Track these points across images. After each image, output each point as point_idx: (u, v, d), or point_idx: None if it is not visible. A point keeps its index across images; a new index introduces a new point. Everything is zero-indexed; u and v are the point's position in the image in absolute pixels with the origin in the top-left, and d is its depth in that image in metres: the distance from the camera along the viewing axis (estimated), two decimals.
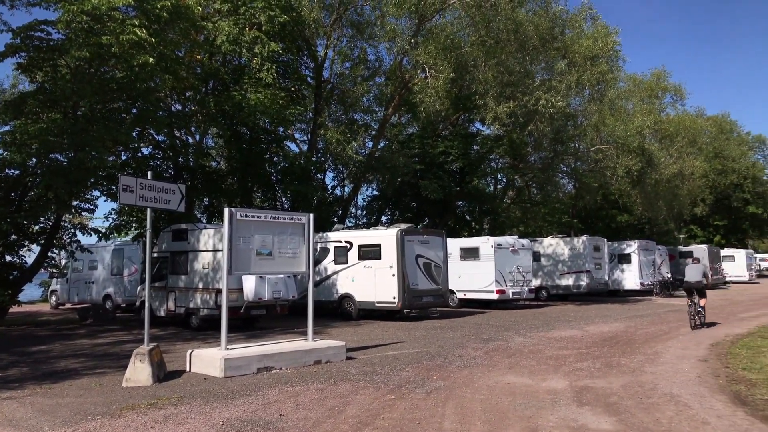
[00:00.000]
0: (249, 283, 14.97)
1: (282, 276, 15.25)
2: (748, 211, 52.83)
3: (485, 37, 22.78)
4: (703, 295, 15.35)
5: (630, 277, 30.44)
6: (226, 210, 9.90)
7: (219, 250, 15.13)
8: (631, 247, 30.69)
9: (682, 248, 39.69)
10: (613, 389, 8.08)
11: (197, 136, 23.41)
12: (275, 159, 24.35)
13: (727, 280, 41.00)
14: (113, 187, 16.57)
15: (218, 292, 15.19)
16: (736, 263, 43.57)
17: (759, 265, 56.83)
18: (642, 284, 30.13)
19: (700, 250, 38.56)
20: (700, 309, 15.13)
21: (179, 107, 22.33)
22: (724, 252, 43.71)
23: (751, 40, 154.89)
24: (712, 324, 16.07)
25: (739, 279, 43.16)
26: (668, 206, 38.08)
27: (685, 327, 15.58)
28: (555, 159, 30.80)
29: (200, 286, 16.14)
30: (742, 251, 45.84)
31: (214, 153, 27.26)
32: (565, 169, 33.40)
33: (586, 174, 32.37)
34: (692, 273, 15.55)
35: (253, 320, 16.92)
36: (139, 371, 8.80)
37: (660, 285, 30.57)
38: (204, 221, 23.02)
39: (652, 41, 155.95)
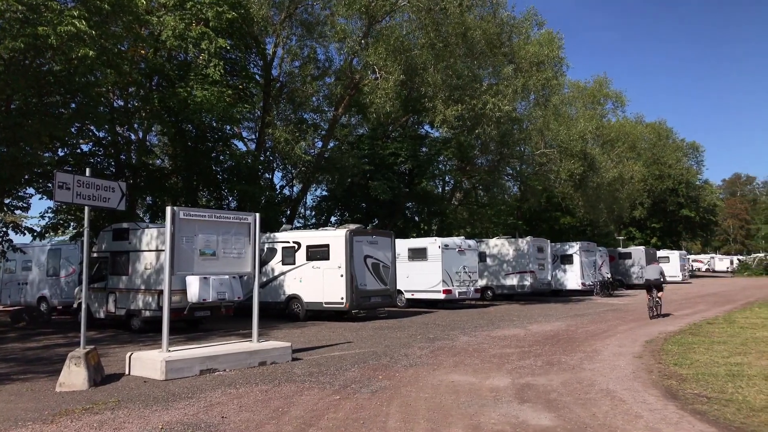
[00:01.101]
0: (193, 284, 14.65)
1: (227, 277, 14.99)
2: (682, 214, 55.36)
3: (434, 40, 23.04)
4: (660, 290, 18.39)
5: (572, 278, 31.38)
6: (168, 209, 9.66)
7: (162, 251, 14.70)
8: (573, 249, 31.64)
9: (621, 249, 41.23)
10: (553, 386, 8.30)
11: (140, 133, 22.72)
12: (222, 158, 23.91)
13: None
14: (49, 185, 15.90)
15: (161, 293, 14.78)
16: (671, 264, 45.56)
17: (691, 265, 59.68)
18: (583, 284, 31.10)
19: (637, 251, 40.20)
20: (657, 300, 18.14)
21: (122, 103, 21.63)
22: (660, 253, 45.59)
23: (687, 51, 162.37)
24: (667, 315, 18.73)
25: (674, 279, 45.11)
26: (609, 209, 39.45)
27: (622, 325, 16.20)
28: (501, 162, 31.43)
29: (142, 287, 15.67)
30: (677, 252, 48.02)
31: (158, 151, 26.53)
32: (511, 171, 34.14)
33: (530, 177, 33.21)
34: (652, 272, 18.57)
35: (197, 322, 16.55)
36: (74, 375, 8.48)
37: (600, 285, 31.63)
38: (147, 221, 22.37)
39: (595, 49, 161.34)
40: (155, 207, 23.82)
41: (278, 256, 19.44)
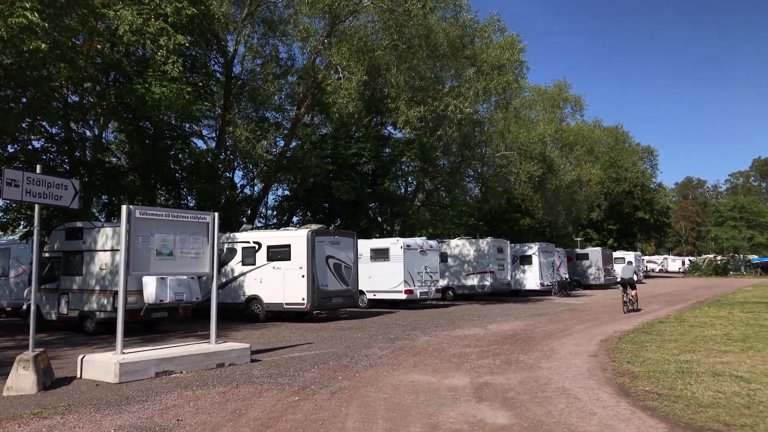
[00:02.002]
0: (149, 285, 14.32)
1: (185, 277, 14.71)
2: (638, 216, 56.98)
3: (398, 41, 23.12)
4: (633, 288, 20.61)
5: (531, 278, 31.92)
6: (124, 207, 9.43)
7: (117, 250, 14.33)
8: (532, 249, 32.19)
9: (579, 250, 42.14)
10: (511, 385, 8.42)
11: (96, 130, 22.11)
12: (180, 156, 23.45)
13: (618, 280, 43.87)
14: None
15: (116, 294, 14.39)
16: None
17: (646, 266, 61.49)
18: (542, 284, 31.68)
19: (594, 252, 41.14)
20: (631, 298, 20.39)
21: (76, 98, 21.01)
22: (616, 254, 46.83)
23: (644, 58, 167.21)
24: (639, 309, 20.87)
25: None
26: (567, 211, 40.27)
27: (579, 325, 16.56)
28: (463, 164, 31.75)
29: (96, 288, 15.23)
30: (632, 253, 49.38)
31: (114, 148, 25.87)
32: (472, 173, 34.51)
33: (491, 179, 33.65)
34: (626, 272, 21.10)
35: (153, 323, 16.20)
36: (22, 379, 8.19)
37: (558, 285, 32.27)
38: (102, 220, 21.80)
39: (555, 54, 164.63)
40: (111, 206, 23.24)
41: (238, 257, 19.19)
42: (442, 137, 27.28)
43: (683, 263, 73.19)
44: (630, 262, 21.71)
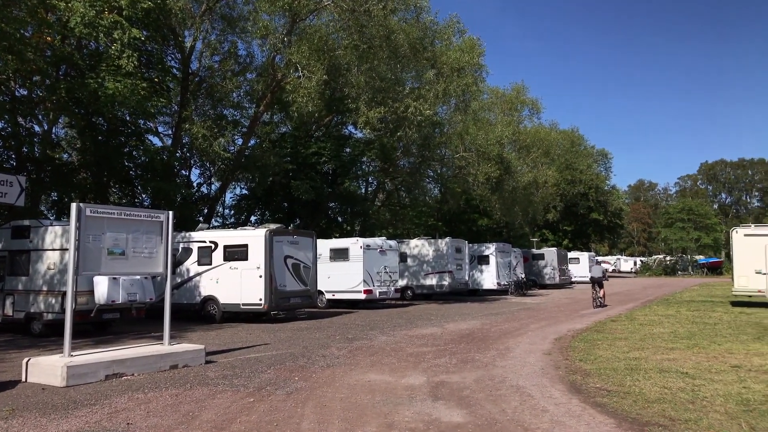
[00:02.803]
0: (101, 285, 13.90)
1: (138, 277, 14.34)
2: (592, 217, 58.45)
3: (358, 41, 23.09)
4: (602, 286, 23.13)
5: (488, 278, 32.37)
6: (74, 205, 9.14)
7: (67, 250, 13.90)
8: (490, 249, 32.65)
9: (535, 251, 42.94)
10: (466, 383, 8.52)
11: (45, 125, 21.37)
12: (135, 153, 22.88)
13: (572, 280, 44.96)
14: None
15: (65, 294, 13.94)
16: (581, 265, 47.98)
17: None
18: (499, 284, 32.16)
19: (550, 252, 41.99)
20: (600, 296, 22.78)
21: (25, 92, 20.26)
22: (571, 255, 47.93)
23: (599, 63, 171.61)
24: (606, 305, 23.08)
25: (583, 279, 47.48)
26: (524, 212, 40.97)
27: (534, 324, 16.88)
28: (422, 164, 31.96)
29: (44, 288, 14.71)
30: (586, 254, 50.63)
31: (64, 144, 25.03)
32: (432, 174, 34.78)
33: (450, 179, 33.98)
34: (596, 271, 23.86)
35: (105, 325, 15.75)
36: None
37: (515, 285, 32.81)
38: (52, 218, 21.07)
39: (514, 57, 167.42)
40: (61, 204, 22.48)
41: (194, 256, 18.84)
42: (403, 138, 27.38)
43: (635, 263, 75.42)
44: (599, 263, 24.16)
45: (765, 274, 20.78)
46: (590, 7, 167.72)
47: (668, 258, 72.42)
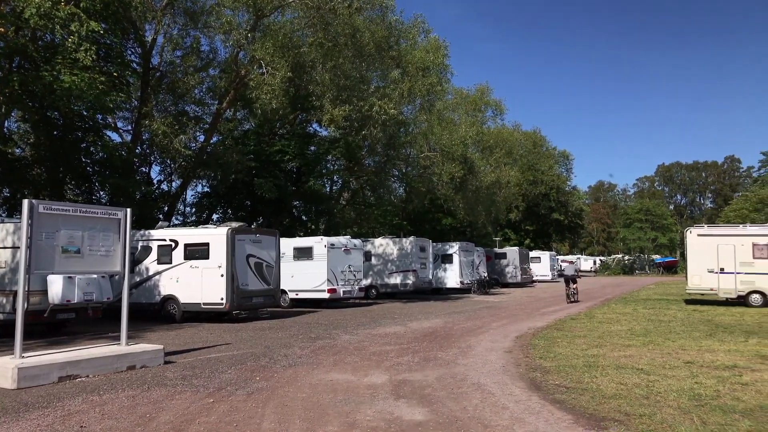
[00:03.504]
0: (55, 284, 13.46)
1: (95, 276, 13.96)
2: (553, 217, 59.54)
3: (323, 39, 22.97)
4: (575, 282, 25.45)
5: (451, 276, 32.65)
6: (25, 202, 8.84)
7: (18, 248, 13.43)
8: (453, 248, 32.94)
9: (497, 250, 43.50)
10: (428, 381, 8.56)
11: None
12: (92, 149, 22.27)
13: (534, 279, 45.70)
14: None
15: (17, 294, 13.45)
16: (542, 264, 48.86)
17: (560, 265, 64.26)
18: (462, 283, 32.47)
19: (512, 251, 42.60)
20: (574, 291, 25.13)
21: None
22: (533, 254, 48.71)
23: (560, 66, 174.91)
24: (579, 301, 25.15)
25: (544, 278, 48.44)
26: (487, 211, 41.42)
27: (496, 322, 17.08)
28: (388, 163, 32.02)
29: None
30: (547, 253, 51.58)
31: (17, 138, 24.19)
32: (397, 173, 34.88)
33: (415, 179, 34.14)
34: (569, 270, 26.47)
35: (59, 325, 15.26)
36: None
37: (478, 283, 33.16)
38: (4, 215, 20.35)
39: (478, 59, 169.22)
40: (14, 200, 21.73)
41: (153, 255, 18.44)
42: (368, 137, 27.35)
43: (594, 263, 77.15)
44: (572, 262, 26.59)
45: (717, 273, 21.52)
46: (553, 9, 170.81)
47: (626, 257, 74.29)
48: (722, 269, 21.46)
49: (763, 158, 79.41)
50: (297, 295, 22.94)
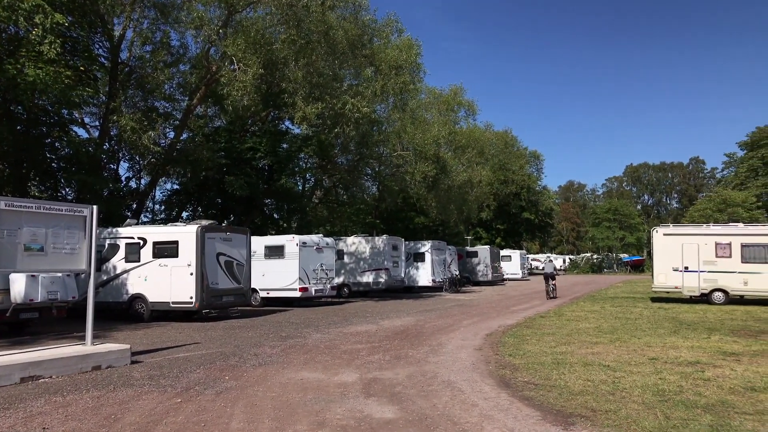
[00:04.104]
0: (17, 283, 13.11)
1: (60, 275, 13.64)
2: (524, 216, 60.25)
3: (296, 36, 22.81)
4: (554, 279, 26.82)
5: (423, 275, 32.79)
6: None
7: None
8: (425, 247, 33.08)
9: (469, 248, 43.80)
10: (399, 379, 8.58)
11: None
12: (58, 144, 21.73)
13: (504, 277, 46.17)
14: None
15: None
16: (513, 262, 49.36)
17: (530, 264, 65.14)
18: (434, 281, 32.65)
19: (483, 250, 42.93)
20: (553, 287, 26.43)
21: None
22: (503, 252, 49.18)
23: (533, 67, 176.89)
24: (557, 297, 26.47)
25: (515, 276, 48.94)
26: (459, 210, 41.69)
27: (467, 320, 17.21)
28: (361, 162, 31.98)
29: None
30: (518, 252, 52.09)
31: None
32: (370, 172, 34.86)
33: (388, 178, 34.16)
34: (549, 267, 27.33)
35: (22, 325, 14.85)
36: None
37: (449, 282, 33.37)
38: None
39: (451, 59, 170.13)
40: None
41: (121, 253, 18.11)
42: (341, 135, 27.28)
43: (564, 261, 78.28)
44: (551, 260, 29.23)
45: (681, 271, 22.04)
46: (525, 11, 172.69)
47: (595, 256, 75.54)
48: (686, 268, 21.99)
49: (727, 160, 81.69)
50: (268, 293, 22.78)
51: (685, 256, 22.03)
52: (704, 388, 7.84)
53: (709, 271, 21.73)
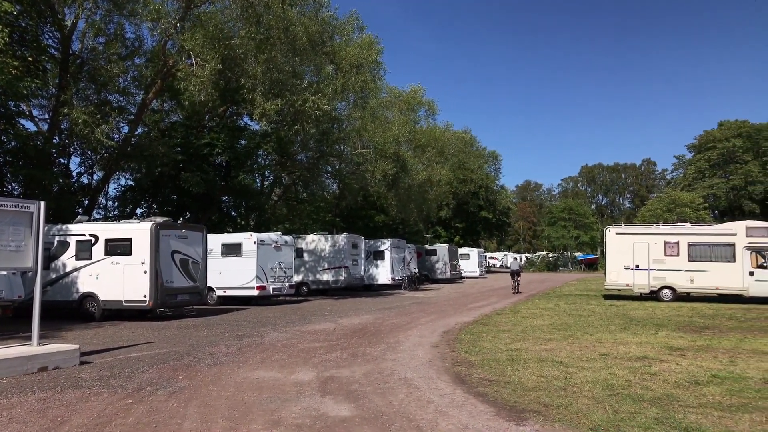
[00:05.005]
0: None
1: (5, 273, 13.16)
2: (482, 215, 61.04)
3: (256, 32, 22.52)
4: (519, 276, 29.32)
5: (383, 273, 32.88)
6: None
7: None
8: (385, 245, 33.17)
9: (428, 247, 44.13)
10: (355, 377, 8.58)
11: None
12: (3, 138, 20.90)
13: (463, 275, 46.70)
14: None
15: None
16: (471, 260, 49.98)
17: (488, 262, 66.07)
18: (393, 279, 32.78)
19: (442, 248, 43.32)
20: (518, 283, 28.95)
21: None
22: (462, 251, 49.74)
23: (492, 68, 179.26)
24: (520, 292, 28.27)
25: (472, 274, 49.56)
26: (418, 209, 41.94)
27: (425, 317, 17.34)
28: (320, 159, 31.81)
29: None
30: (475, 250, 52.78)
31: None
32: (330, 169, 34.72)
33: (348, 176, 34.09)
34: (514, 265, 30.41)
35: None
36: None
37: (408, 280, 33.56)
38: None
39: (412, 59, 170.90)
40: None
41: (71, 251, 17.56)
42: (300, 132, 27.05)
43: (521, 259, 79.66)
44: (516, 258, 34.29)
45: (632, 269, 22.71)
46: (484, 11, 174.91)
47: (551, 255, 77.15)
48: (637, 266, 22.68)
49: (676, 161, 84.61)
50: (225, 292, 22.46)
51: (636, 254, 22.71)
52: (651, 382, 8.10)
53: (658, 269, 22.46)
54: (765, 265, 21.26)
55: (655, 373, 8.71)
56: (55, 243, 17.63)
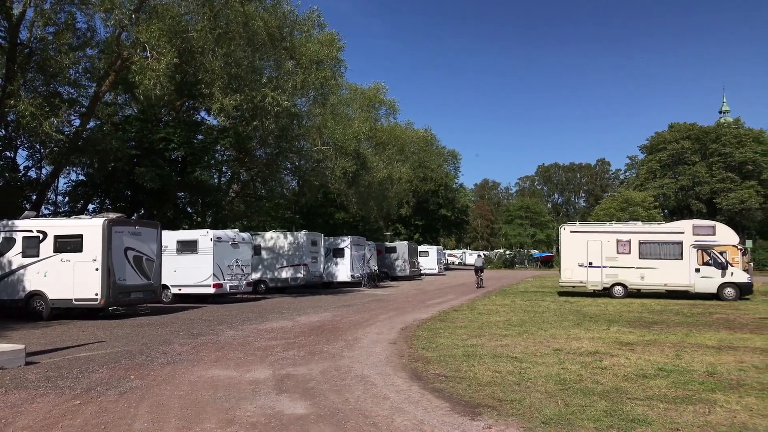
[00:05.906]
0: None
1: None
2: (441, 213, 61.59)
3: (214, 26, 22.11)
4: (482, 272, 31.58)
5: (343, 270, 32.81)
6: None
7: None
8: (345, 243, 33.11)
9: (388, 244, 44.25)
10: (312, 375, 8.55)
11: None
12: None
13: (422, 272, 47.02)
14: None
15: None
16: (430, 257, 50.37)
17: (447, 259, 66.72)
18: (353, 276, 32.73)
19: (402, 246, 43.50)
20: (481, 279, 31.03)
21: None
22: (421, 248, 50.06)
23: (453, 68, 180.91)
24: (484, 287, 29.55)
25: (431, 271, 49.95)
26: (379, 206, 41.98)
27: (383, 314, 17.40)
28: (280, 156, 31.51)
29: None
30: (435, 247, 53.22)
31: None
32: (290, 166, 34.44)
33: (308, 172, 33.87)
34: (477, 261, 33.14)
35: None
36: None
37: (368, 277, 33.57)
38: None
39: (374, 57, 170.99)
40: None
41: (17, 247, 16.91)
42: (259, 128, 26.71)
43: (478, 257, 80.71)
44: (480, 255, 35.94)
45: (586, 266, 23.29)
46: (445, 9, 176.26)
47: (508, 252, 78.44)
48: (591, 263, 23.27)
49: (629, 162, 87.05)
50: (180, 290, 22.03)
51: (589, 252, 23.29)
52: (601, 376, 8.33)
53: (610, 267, 23.09)
54: (710, 262, 22.10)
55: (606, 367, 8.96)
56: (0, 239, 16.98)
